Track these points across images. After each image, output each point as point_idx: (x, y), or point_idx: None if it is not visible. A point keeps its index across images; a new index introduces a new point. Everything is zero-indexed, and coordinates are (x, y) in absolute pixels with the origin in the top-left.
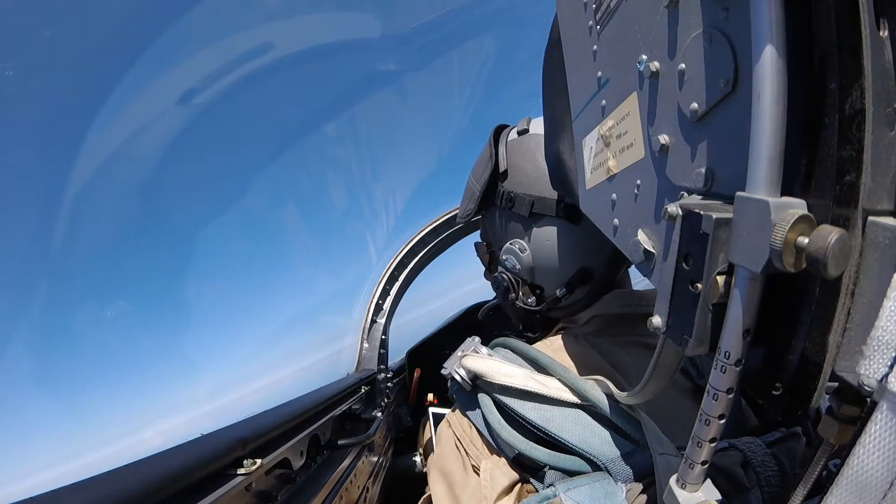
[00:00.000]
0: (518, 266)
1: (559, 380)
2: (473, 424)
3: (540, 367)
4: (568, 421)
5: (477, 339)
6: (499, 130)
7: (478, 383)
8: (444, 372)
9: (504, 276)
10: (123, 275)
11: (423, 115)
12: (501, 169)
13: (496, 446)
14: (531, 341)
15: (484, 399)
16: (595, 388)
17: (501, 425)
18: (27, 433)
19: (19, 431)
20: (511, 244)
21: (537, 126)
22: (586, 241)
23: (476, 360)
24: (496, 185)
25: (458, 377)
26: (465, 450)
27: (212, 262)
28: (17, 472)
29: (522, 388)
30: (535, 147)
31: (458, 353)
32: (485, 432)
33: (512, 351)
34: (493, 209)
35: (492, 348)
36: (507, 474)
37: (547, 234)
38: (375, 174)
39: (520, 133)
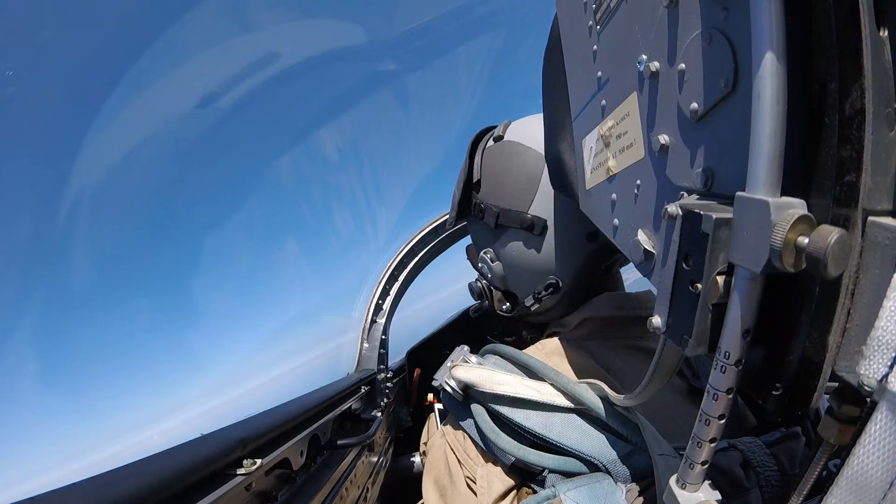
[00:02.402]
0: (490, 274)
1: (551, 384)
2: (467, 434)
3: (531, 372)
4: (563, 425)
5: (466, 347)
6: (480, 136)
7: (470, 392)
8: (434, 384)
9: (479, 283)
10: (129, 275)
11: (423, 115)
12: (475, 179)
13: (492, 454)
14: (524, 344)
15: (477, 409)
16: (589, 392)
17: (496, 434)
18: (27, 433)
19: (21, 430)
20: (484, 253)
21: (514, 132)
22: (551, 253)
23: (466, 370)
24: (471, 194)
25: (448, 388)
26: (458, 460)
27: (213, 263)
28: (19, 473)
29: (514, 395)
30: (509, 155)
31: (448, 363)
32: (479, 441)
33: (502, 357)
34: (471, 217)
35: (482, 355)
36: (504, 481)
37: (513, 246)
38: (375, 176)
39: (496, 139)
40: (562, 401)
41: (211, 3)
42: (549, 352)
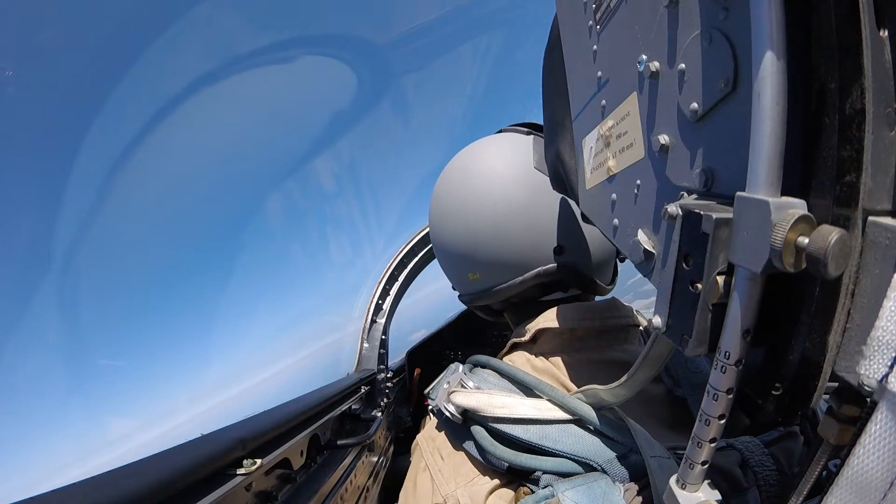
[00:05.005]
0: None
1: (548, 399)
2: (466, 452)
3: (526, 387)
4: (559, 434)
5: (460, 367)
6: None
7: (469, 416)
8: (431, 405)
9: None
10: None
11: (424, 114)
12: None
13: (489, 465)
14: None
15: (477, 430)
16: (582, 404)
17: (494, 445)
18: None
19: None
20: None
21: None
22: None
23: (465, 396)
24: None
25: (447, 413)
26: (432, 476)
27: (213, 263)
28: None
29: (515, 416)
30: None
31: (444, 385)
32: (478, 457)
33: (496, 372)
34: None
35: (472, 366)
36: (487, 483)
37: None
38: (375, 177)
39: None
40: (559, 414)
41: (213, 6)
42: (535, 366)
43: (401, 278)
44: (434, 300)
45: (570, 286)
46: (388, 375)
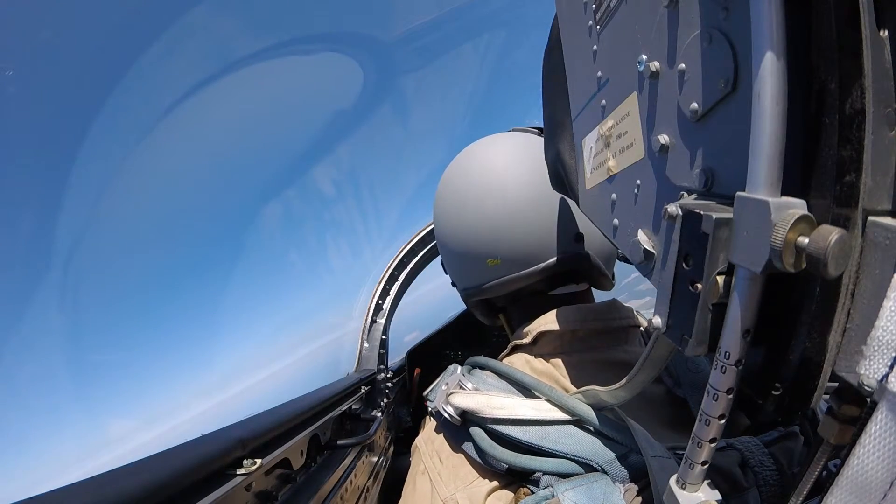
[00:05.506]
0: None
1: (547, 400)
2: (465, 454)
3: (525, 388)
4: (559, 435)
5: (459, 369)
6: None
7: (468, 417)
8: (430, 406)
9: None
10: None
11: (424, 115)
12: None
13: (489, 466)
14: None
15: (476, 431)
16: (582, 404)
17: (493, 447)
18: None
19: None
20: None
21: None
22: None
23: (465, 397)
24: None
25: (446, 414)
26: (430, 479)
27: (215, 262)
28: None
29: (514, 417)
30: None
31: (443, 387)
32: (476, 458)
33: (495, 373)
34: None
35: (471, 367)
36: (486, 485)
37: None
38: (375, 176)
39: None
40: (558, 414)
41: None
42: (534, 367)
43: (401, 278)
44: (430, 300)
45: (582, 278)
46: (388, 375)
